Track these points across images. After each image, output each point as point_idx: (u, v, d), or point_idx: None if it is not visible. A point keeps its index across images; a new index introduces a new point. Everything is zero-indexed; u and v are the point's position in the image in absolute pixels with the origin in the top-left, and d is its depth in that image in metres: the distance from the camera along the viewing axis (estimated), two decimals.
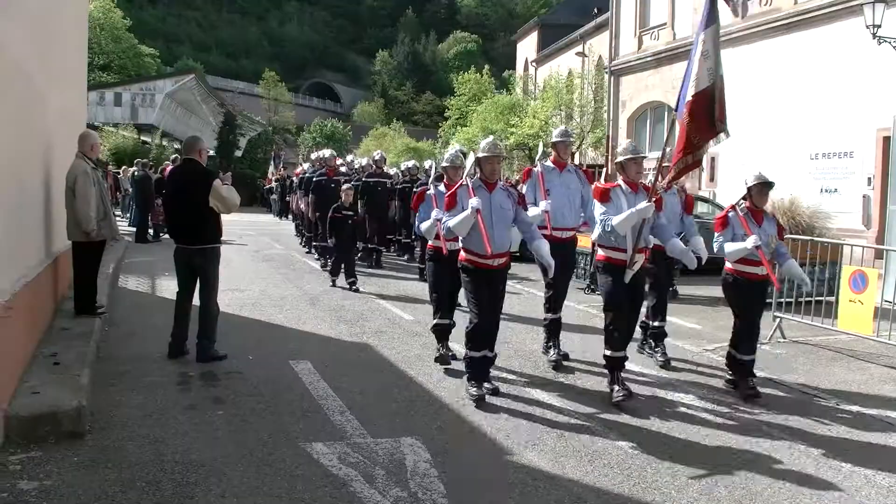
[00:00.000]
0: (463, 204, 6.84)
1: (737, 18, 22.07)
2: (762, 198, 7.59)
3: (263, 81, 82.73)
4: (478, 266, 6.89)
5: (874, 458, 5.74)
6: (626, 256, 6.97)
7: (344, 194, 13.35)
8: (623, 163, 7.25)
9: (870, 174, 17.52)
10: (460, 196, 6.92)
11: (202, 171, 7.93)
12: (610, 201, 7.05)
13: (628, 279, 6.96)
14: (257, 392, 6.88)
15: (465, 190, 6.94)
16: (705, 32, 7.32)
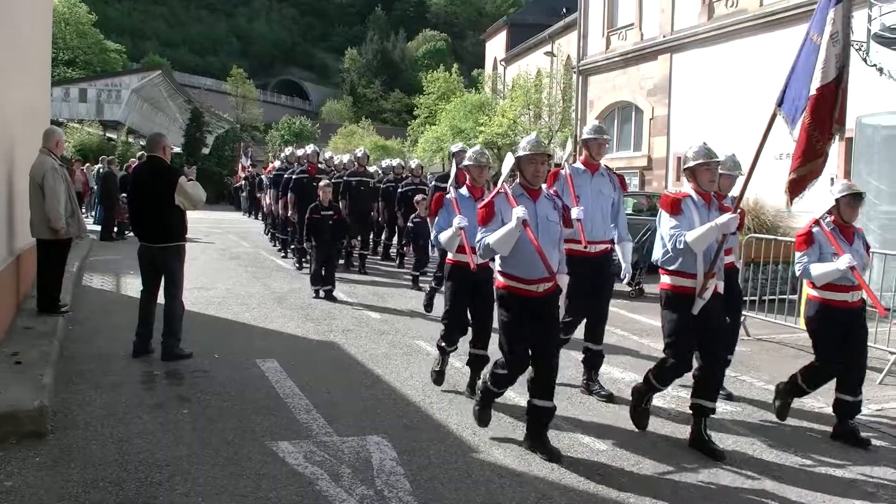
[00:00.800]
0: (503, 216, 5.51)
1: (704, 19, 22.28)
2: (852, 211, 6.36)
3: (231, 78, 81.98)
4: (521, 293, 5.57)
5: (834, 452, 5.84)
6: (696, 283, 5.77)
7: (321, 192, 12.17)
8: (694, 169, 6.01)
9: (832, 174, 17.72)
10: (499, 206, 5.59)
11: (166, 169, 7.87)
12: (681, 214, 5.81)
13: (697, 310, 5.76)
14: (223, 391, 6.84)
15: (504, 198, 5.59)
16: (834, 10, 5.91)
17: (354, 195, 15.41)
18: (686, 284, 5.81)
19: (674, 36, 23.62)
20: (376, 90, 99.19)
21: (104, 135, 41.89)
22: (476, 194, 6.84)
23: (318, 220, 12.01)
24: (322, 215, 12.02)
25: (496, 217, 5.56)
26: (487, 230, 5.54)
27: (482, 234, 5.56)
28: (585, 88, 28.92)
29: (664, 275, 5.96)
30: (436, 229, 6.94)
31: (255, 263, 16.27)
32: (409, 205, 15.27)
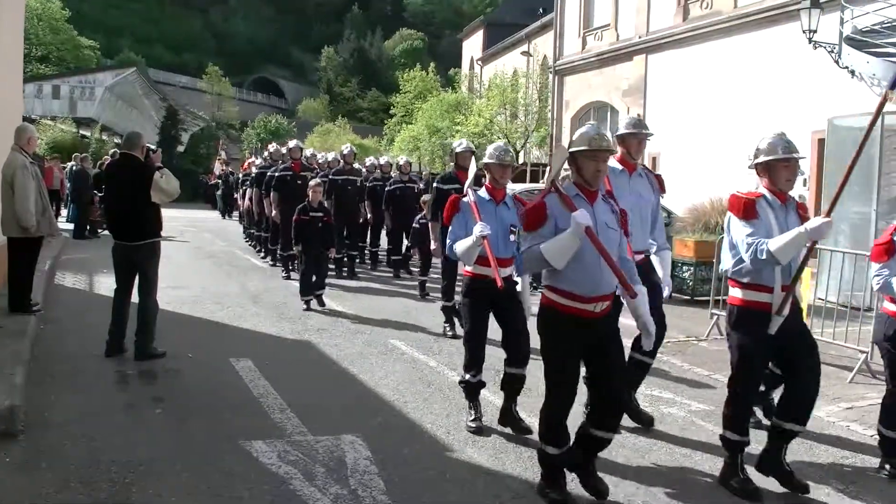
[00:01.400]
0: (557, 220, 4.64)
1: (679, 20, 22.43)
2: None
3: (207, 76, 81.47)
4: (574, 313, 4.70)
5: (807, 452, 5.90)
6: (774, 298, 4.99)
7: (311, 192, 11.12)
8: (769, 165, 5.09)
9: (805, 175, 17.91)
10: (552, 208, 4.68)
11: (140, 166, 7.81)
12: (756, 218, 4.94)
13: (774, 330, 4.99)
14: (196, 390, 6.83)
15: (558, 199, 4.70)
16: None
17: (341, 195, 14.32)
18: (761, 300, 5.01)
19: (649, 37, 23.76)
20: (353, 89, 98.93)
21: (77, 132, 41.53)
22: (498, 197, 6.20)
23: (306, 223, 10.97)
24: (311, 217, 10.97)
25: (548, 222, 4.66)
26: (536, 237, 4.66)
27: (531, 242, 4.68)
28: (561, 88, 29.03)
29: (735, 288, 5.15)
30: (450, 237, 6.16)
31: (230, 262, 16.20)
32: (397, 205, 14.76)
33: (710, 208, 13.90)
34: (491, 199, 6.20)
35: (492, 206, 6.14)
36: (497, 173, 6.24)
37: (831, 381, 8.08)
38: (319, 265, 11.09)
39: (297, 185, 13.33)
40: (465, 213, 6.12)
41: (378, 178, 15.90)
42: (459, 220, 6.14)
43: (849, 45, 14.64)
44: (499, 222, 6.06)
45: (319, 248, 11.05)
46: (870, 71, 14.50)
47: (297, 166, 14.13)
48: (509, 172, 6.30)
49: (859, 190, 13.05)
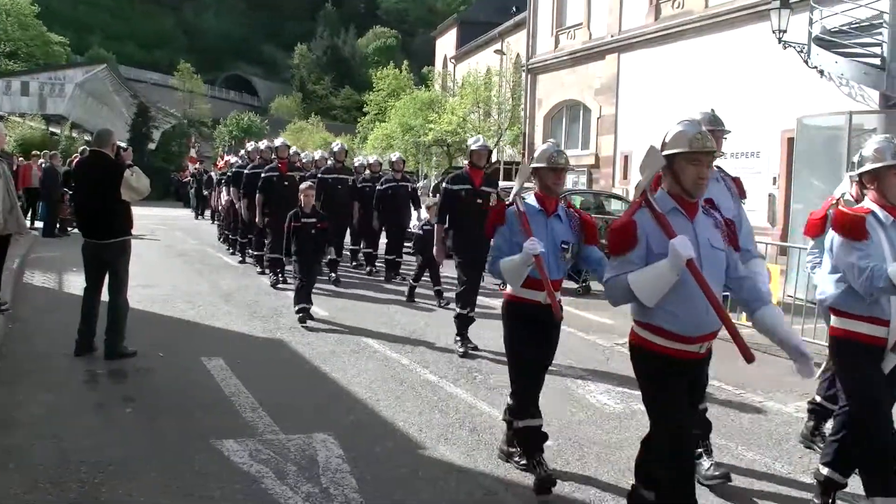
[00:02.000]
0: (650, 242, 3.75)
1: (651, 19, 22.56)
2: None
3: (178, 73, 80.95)
4: (673, 355, 3.83)
5: (775, 447, 5.96)
6: (891, 333, 4.26)
7: (304, 196, 10.22)
8: (878, 174, 4.30)
9: (775, 174, 18.11)
10: (643, 228, 3.77)
11: (110, 164, 7.74)
12: (867, 238, 4.16)
13: (889, 367, 4.28)
14: (167, 389, 6.78)
15: (649, 216, 3.79)
16: None
17: (331, 196, 13.20)
18: (872, 333, 4.26)
19: (621, 36, 23.87)
20: (326, 86, 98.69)
21: (47, 129, 41.05)
22: (549, 207, 5.16)
23: (299, 229, 10.09)
24: (304, 223, 10.12)
25: (639, 245, 3.75)
26: (624, 264, 3.79)
27: (617, 270, 3.82)
28: (534, 87, 29.09)
29: (838, 317, 4.39)
30: (493, 253, 5.21)
31: (201, 260, 16.11)
32: (389, 206, 14.11)
33: None
34: (541, 209, 5.16)
35: (542, 219, 5.12)
36: (549, 179, 5.19)
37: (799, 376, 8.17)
38: (310, 274, 10.20)
39: (283, 187, 12.65)
40: (511, 226, 5.11)
41: (367, 178, 14.97)
42: (504, 234, 5.16)
43: (818, 46, 14.83)
44: (550, 238, 5.09)
45: (313, 257, 10.36)
46: (838, 71, 14.70)
47: (284, 166, 13.16)
48: (564, 178, 5.34)
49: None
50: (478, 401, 6.80)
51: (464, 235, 8.56)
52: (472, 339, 8.66)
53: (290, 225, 10.16)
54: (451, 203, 8.69)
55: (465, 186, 8.65)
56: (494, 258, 5.19)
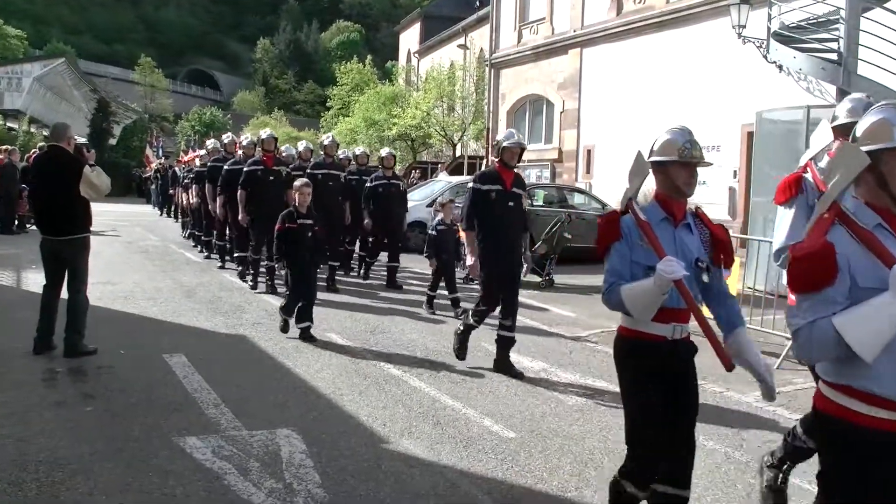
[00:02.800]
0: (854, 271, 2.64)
1: (613, 14, 22.70)
2: None
3: (139, 67, 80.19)
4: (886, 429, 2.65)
5: (733, 436, 6.04)
6: None
7: (300, 194, 9.01)
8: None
9: (735, 167, 18.33)
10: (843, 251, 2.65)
11: (69, 159, 7.63)
12: None
13: None
14: (129, 387, 6.71)
15: (845, 235, 2.69)
16: None
17: (322, 193, 11.99)
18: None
19: (584, 31, 24.01)
20: (289, 81, 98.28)
21: (4, 124, 40.40)
22: (677, 215, 3.86)
23: (293, 231, 8.88)
24: (300, 225, 8.92)
25: (840, 278, 2.63)
26: (822, 303, 2.64)
27: (813, 313, 2.63)
28: (497, 81, 29.16)
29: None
30: (608, 278, 3.79)
31: (163, 257, 15.97)
32: (381, 204, 13.09)
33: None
34: (667, 216, 3.84)
35: (669, 230, 3.82)
36: (681, 178, 3.85)
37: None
38: (309, 286, 8.99)
39: (269, 183, 11.75)
40: (630, 240, 3.77)
41: (354, 171, 13.94)
42: (620, 251, 3.79)
43: (776, 41, 14.99)
44: (681, 254, 3.73)
45: (309, 263, 9.07)
46: (796, 66, 14.88)
47: (269, 160, 12.11)
48: (696, 176, 3.97)
49: None
50: (441, 394, 6.82)
51: (493, 244, 7.51)
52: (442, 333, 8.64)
53: (282, 227, 8.86)
54: (481, 204, 7.55)
55: (495, 187, 7.54)
56: (611, 284, 3.75)
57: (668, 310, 3.72)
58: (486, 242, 7.54)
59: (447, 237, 10.76)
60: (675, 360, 3.83)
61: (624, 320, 3.89)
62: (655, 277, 3.54)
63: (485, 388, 7.09)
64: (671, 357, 3.81)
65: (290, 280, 9.01)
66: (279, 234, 8.91)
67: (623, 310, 3.78)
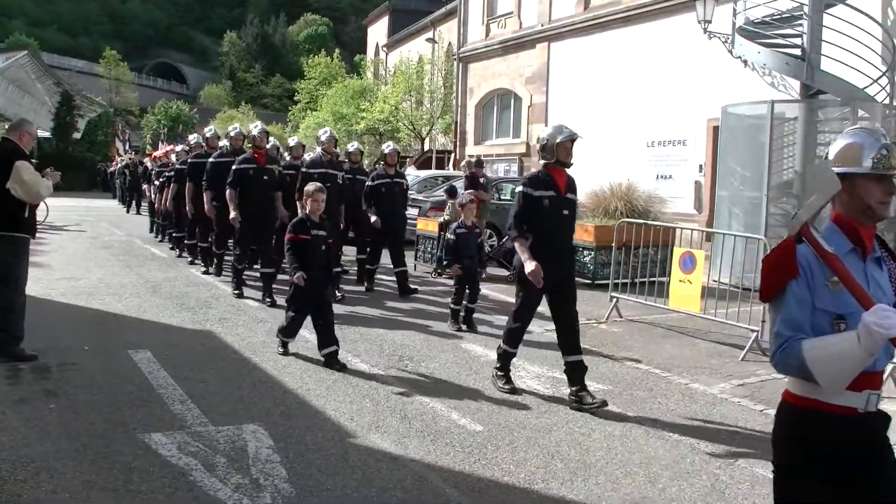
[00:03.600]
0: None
1: (580, 9, 22.78)
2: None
3: (104, 60, 79.18)
4: None
5: (699, 427, 6.11)
6: None
7: (312, 201, 7.69)
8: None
9: (701, 161, 18.50)
10: None
11: (8, 150, 7.21)
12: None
13: None
14: (93, 384, 6.65)
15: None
16: None
17: None
18: None
19: (551, 25, 24.07)
20: (256, 74, 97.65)
21: None
22: (867, 244, 2.88)
23: (305, 244, 7.63)
24: (313, 236, 7.65)
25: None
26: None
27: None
28: (465, 75, 29.15)
29: None
30: (782, 329, 2.77)
31: (128, 252, 15.81)
32: (383, 204, 11.76)
33: (609, 194, 14.21)
34: (854, 247, 2.86)
35: (858, 265, 2.85)
36: (874, 195, 2.82)
37: (724, 358, 8.42)
38: (320, 305, 7.70)
39: (262, 182, 10.74)
40: (811, 279, 2.79)
41: (347, 170, 12.34)
42: (801, 295, 2.79)
43: (741, 36, 15.14)
44: (876, 297, 2.74)
45: (323, 280, 7.82)
46: (761, 61, 15.04)
47: (261, 157, 10.92)
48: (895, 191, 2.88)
49: (751, 176, 13.54)
50: (409, 389, 6.83)
51: (543, 258, 6.48)
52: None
53: (294, 237, 7.64)
54: (531, 210, 6.57)
55: (548, 193, 6.57)
56: (787, 341, 2.74)
57: (865, 374, 2.74)
58: (535, 257, 6.46)
59: (469, 241, 9.74)
60: (864, 439, 2.82)
61: (796, 384, 2.85)
62: (863, 334, 2.55)
63: (452, 382, 7.11)
64: (860, 436, 2.81)
65: (294, 297, 7.74)
66: (291, 246, 7.62)
67: (804, 375, 2.74)
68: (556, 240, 6.64)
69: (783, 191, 13.39)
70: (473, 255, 9.73)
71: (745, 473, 5.18)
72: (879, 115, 13.43)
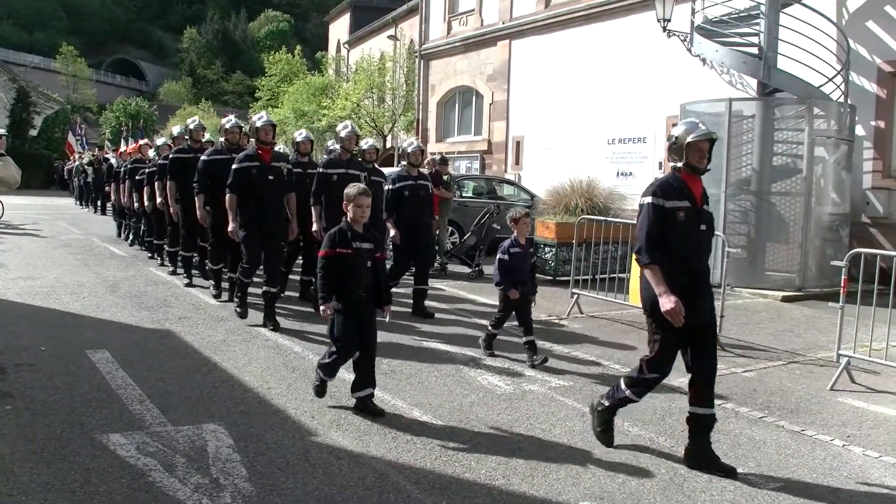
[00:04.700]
0: None
1: (541, 7, 22.87)
2: None
3: (61, 56, 78.23)
4: None
5: (659, 422, 6.17)
6: None
7: (355, 206, 6.12)
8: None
9: (661, 159, 18.66)
10: None
11: None
12: None
13: None
14: (50, 384, 6.56)
15: None
16: None
17: (330, 197, 9.59)
18: None
19: (513, 23, 24.14)
20: (217, 71, 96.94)
21: None
22: None
23: (347, 259, 6.05)
24: (356, 249, 6.07)
25: None
26: None
27: None
28: (427, 73, 29.15)
29: None
30: None
31: (86, 251, 15.61)
32: (407, 212, 10.37)
33: (570, 190, 14.30)
34: None
35: None
36: None
37: None
38: (366, 337, 6.20)
39: (267, 184, 9.07)
40: None
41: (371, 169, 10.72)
42: None
43: (700, 35, 15.32)
44: None
45: (369, 305, 6.23)
46: (719, 59, 15.24)
47: (266, 154, 9.22)
48: None
49: (710, 173, 13.65)
50: None
51: (681, 287, 5.17)
52: None
53: (332, 252, 6.05)
54: (665, 223, 5.23)
55: (682, 203, 5.24)
56: None
57: None
58: (669, 280, 5.17)
59: (524, 261, 8.13)
60: None
61: None
62: None
63: (413, 379, 7.12)
64: None
65: (338, 328, 6.10)
66: (326, 262, 6.05)
67: None
68: (695, 263, 5.30)
69: (741, 188, 13.58)
70: (528, 279, 8.11)
71: None
72: (834, 113, 13.67)
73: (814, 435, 6.02)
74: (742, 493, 4.84)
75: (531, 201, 16.96)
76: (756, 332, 9.98)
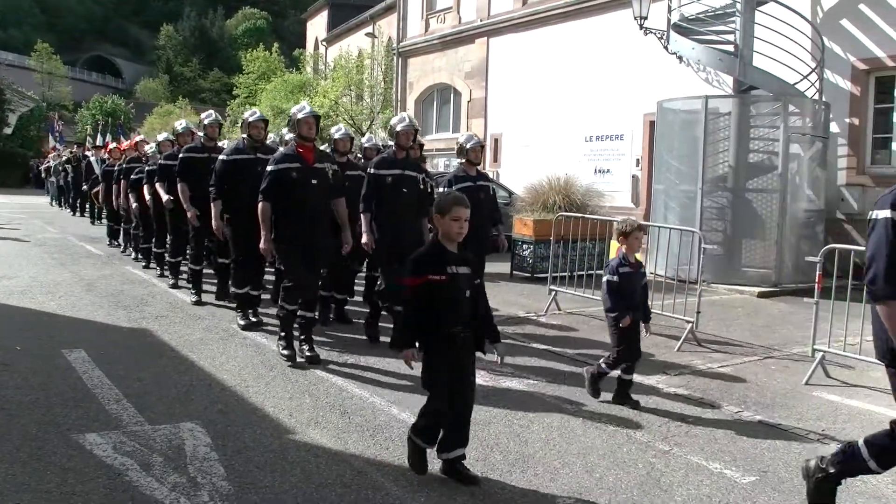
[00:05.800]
0: None
1: (519, 5, 22.92)
2: None
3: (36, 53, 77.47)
4: None
5: (636, 418, 6.20)
6: None
7: (452, 220, 4.76)
8: None
9: (638, 156, 18.77)
10: None
11: None
12: None
13: None
14: (25, 384, 6.51)
15: None
16: None
17: (393, 206, 8.15)
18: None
19: (491, 20, 24.17)
20: (194, 68, 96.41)
21: None
22: None
23: (442, 287, 4.72)
24: (451, 275, 4.74)
25: None
26: None
27: None
28: (405, 70, 29.14)
29: None
30: None
31: (62, 250, 15.49)
32: None
33: (548, 188, 14.35)
34: None
35: None
36: None
37: (661, 349, 8.57)
38: (463, 383, 4.85)
39: (311, 189, 7.52)
40: None
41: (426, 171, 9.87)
42: None
43: (676, 33, 15.40)
44: None
45: (468, 344, 4.87)
46: (695, 57, 15.31)
47: (308, 154, 7.64)
48: None
49: (687, 170, 13.77)
50: (349, 383, 6.82)
51: None
52: None
53: (421, 279, 4.72)
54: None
55: None
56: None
57: None
58: None
59: (635, 283, 6.67)
60: None
61: None
62: None
63: (391, 376, 7.12)
64: None
65: (431, 377, 4.84)
66: (416, 293, 4.75)
67: None
68: None
69: (717, 184, 13.66)
70: (638, 305, 6.70)
71: (680, 462, 5.27)
72: (809, 110, 13.79)
73: (790, 429, 6.07)
74: (719, 486, 4.88)
75: (509, 199, 16.98)
76: (732, 327, 10.05)
